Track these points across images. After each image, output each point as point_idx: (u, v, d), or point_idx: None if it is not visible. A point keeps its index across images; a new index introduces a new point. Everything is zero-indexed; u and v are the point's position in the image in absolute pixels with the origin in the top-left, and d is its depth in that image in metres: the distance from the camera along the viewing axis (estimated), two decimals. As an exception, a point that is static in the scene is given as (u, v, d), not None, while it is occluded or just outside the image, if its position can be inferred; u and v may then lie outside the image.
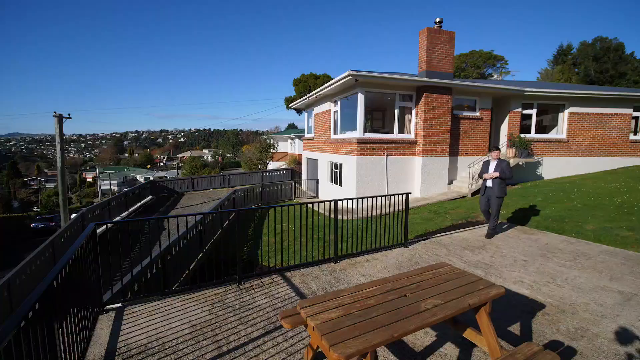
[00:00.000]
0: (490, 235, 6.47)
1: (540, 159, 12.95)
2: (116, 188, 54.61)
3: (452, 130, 11.53)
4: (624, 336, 3.17)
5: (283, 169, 22.83)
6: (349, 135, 11.56)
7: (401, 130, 11.45)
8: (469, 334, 2.52)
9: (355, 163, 10.66)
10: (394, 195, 5.51)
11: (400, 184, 11.33)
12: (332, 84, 10.85)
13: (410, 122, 11.39)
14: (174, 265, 5.39)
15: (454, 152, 11.95)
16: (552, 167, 13.15)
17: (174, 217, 3.53)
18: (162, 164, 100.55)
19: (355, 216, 8.86)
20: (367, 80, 10.02)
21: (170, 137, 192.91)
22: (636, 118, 13.77)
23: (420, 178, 11.20)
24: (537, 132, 13.21)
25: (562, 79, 29.60)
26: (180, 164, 69.72)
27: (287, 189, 15.62)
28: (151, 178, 46.99)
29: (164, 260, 5.11)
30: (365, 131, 10.85)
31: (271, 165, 33.31)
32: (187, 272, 5.23)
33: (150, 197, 18.11)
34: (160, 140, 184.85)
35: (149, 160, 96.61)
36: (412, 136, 11.34)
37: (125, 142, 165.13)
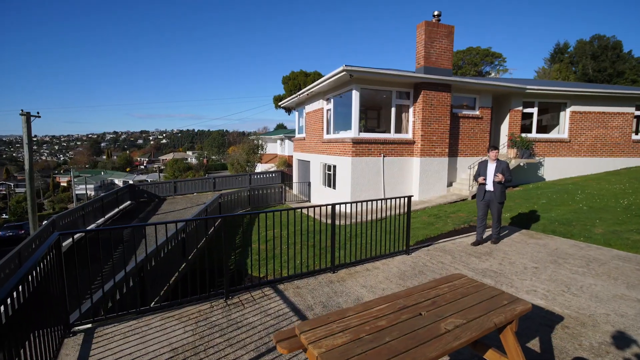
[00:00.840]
0: (497, 242, 6.34)
1: (541, 160, 13.00)
2: (93, 193, 53.31)
3: (451, 129, 11.46)
4: (652, 351, 3.02)
5: (272, 172, 22.53)
6: (343, 135, 11.38)
7: (398, 129, 11.33)
8: (491, 356, 2.32)
9: (350, 164, 10.48)
10: (396, 198, 5.32)
11: (397, 186, 11.19)
12: (325, 80, 10.67)
13: (408, 121, 11.29)
14: (153, 278, 5.08)
15: (453, 153, 11.88)
16: (554, 168, 13.22)
17: (152, 225, 3.26)
18: (142, 166, 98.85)
19: (351, 221, 8.65)
20: (362, 76, 9.87)
21: (151, 138, 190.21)
22: (638, 117, 13.95)
23: (418, 180, 11.08)
24: (537, 131, 13.27)
25: (559, 77, 30.14)
26: (162, 167, 68.68)
27: (276, 192, 15.35)
28: (131, 182, 46.05)
29: (142, 272, 4.80)
30: (360, 131, 10.69)
31: (259, 168, 32.93)
32: (168, 285, 4.90)
33: (129, 202, 17.60)
34: (140, 141, 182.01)
35: (128, 163, 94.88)
36: (409, 136, 11.23)
37: (102, 144, 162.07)
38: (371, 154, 10.67)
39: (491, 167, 6.06)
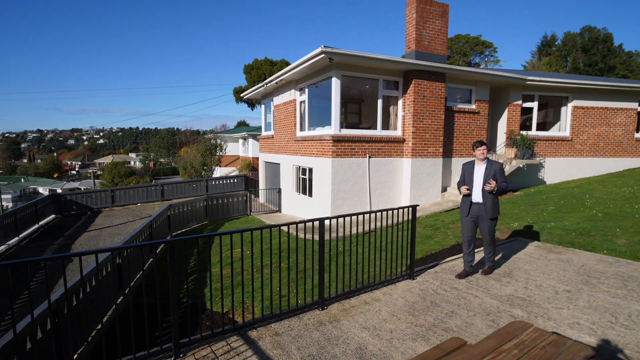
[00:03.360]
0: (490, 271, 5.35)
1: (542, 161, 13.08)
2: (10, 204, 49.22)
3: (445, 126, 11.19)
4: None
5: (234, 177, 21.66)
6: (321, 132, 10.78)
7: (385, 125, 10.89)
8: None
9: (330, 167, 9.88)
10: (398, 208, 4.75)
11: (385, 192, 10.73)
12: (299, 66, 10.04)
13: (397, 115, 10.88)
14: (72, 325, 4.14)
15: (447, 153, 11.62)
16: (555, 170, 13.36)
17: (58, 257, 2.42)
18: (74, 172, 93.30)
19: (331, 235, 8.02)
20: (344, 61, 9.33)
21: (85, 137, 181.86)
22: (640, 113, 14.42)
23: (409, 184, 10.68)
24: (536, 129, 13.37)
25: (550, 71, 31.49)
26: (99, 172, 65.04)
27: (240, 201, 14.45)
28: (59, 190, 42.98)
29: (57, 318, 3.87)
30: (341, 127, 10.13)
31: (218, 172, 31.81)
32: (87, 342, 3.88)
33: (53, 216, 16.05)
34: (71, 142, 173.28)
35: (56, 168, 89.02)
36: (398, 133, 10.82)
37: (23, 145, 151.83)
38: (355, 155, 10.13)
39: (479, 171, 5.08)
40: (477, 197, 5.06)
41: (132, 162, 79.87)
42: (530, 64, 37.22)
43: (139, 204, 18.48)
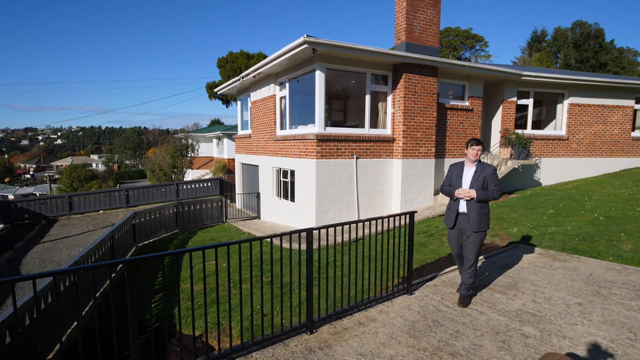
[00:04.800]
0: (467, 301, 4.60)
1: (538, 161, 13.19)
2: (-47, 212, 46.81)
3: (437, 124, 11.10)
4: None
5: (207, 180, 21.19)
6: (304, 130, 10.52)
7: (374, 123, 10.71)
8: None
9: (315, 169, 9.61)
10: (395, 216, 4.52)
11: (374, 196, 10.54)
12: (279, 57, 9.75)
13: (386, 113, 10.72)
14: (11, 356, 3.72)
15: (439, 153, 11.55)
16: (551, 170, 13.49)
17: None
18: (28, 175, 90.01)
19: (320, 244, 7.72)
20: (329, 52, 9.10)
21: (40, 137, 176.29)
22: (636, 111, 14.75)
23: (400, 187, 10.53)
24: (532, 127, 13.48)
25: (541, 67, 32.23)
26: (56, 176, 62.90)
27: (214, 207, 14.01)
28: (11, 196, 41.13)
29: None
30: (325, 125, 9.89)
31: (190, 175, 31.21)
32: None
33: (1, 226, 15.23)
34: (25, 142, 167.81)
35: (7, 171, 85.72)
36: (388, 132, 10.66)
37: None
38: (341, 155, 9.90)
39: (468, 174, 4.59)
40: (461, 205, 4.57)
41: (93, 165, 77.76)
42: (520, 60, 38.05)
43: (101, 212, 17.80)
